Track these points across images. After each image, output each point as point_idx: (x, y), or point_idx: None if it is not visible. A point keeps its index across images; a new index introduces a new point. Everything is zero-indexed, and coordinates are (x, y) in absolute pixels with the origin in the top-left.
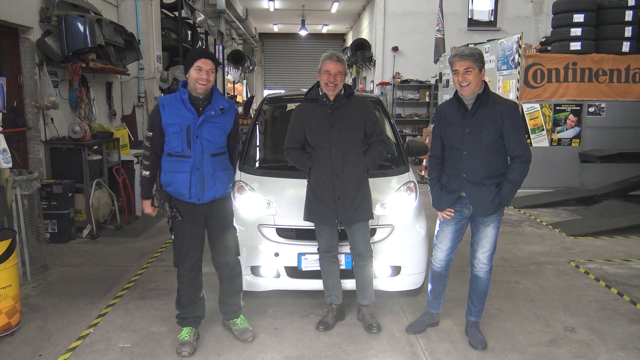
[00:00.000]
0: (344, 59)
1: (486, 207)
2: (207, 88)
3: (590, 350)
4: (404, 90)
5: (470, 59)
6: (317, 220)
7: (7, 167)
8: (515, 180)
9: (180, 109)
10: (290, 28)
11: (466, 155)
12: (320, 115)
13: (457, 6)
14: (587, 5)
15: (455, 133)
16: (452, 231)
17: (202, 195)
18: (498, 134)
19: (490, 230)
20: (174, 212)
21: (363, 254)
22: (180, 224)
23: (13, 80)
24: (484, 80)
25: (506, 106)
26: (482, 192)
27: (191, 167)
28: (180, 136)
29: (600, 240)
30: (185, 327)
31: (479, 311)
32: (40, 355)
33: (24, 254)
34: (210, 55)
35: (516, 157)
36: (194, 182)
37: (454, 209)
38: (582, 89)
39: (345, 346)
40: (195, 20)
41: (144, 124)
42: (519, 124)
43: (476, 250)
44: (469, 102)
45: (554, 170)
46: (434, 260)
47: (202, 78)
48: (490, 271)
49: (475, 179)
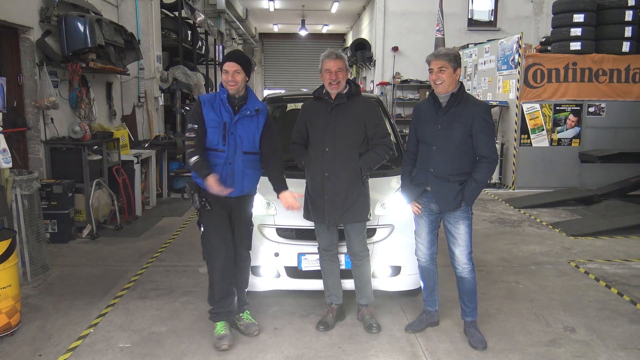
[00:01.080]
0: (342, 55)
1: (448, 203)
2: (237, 89)
3: (590, 350)
4: (404, 90)
5: (444, 58)
6: (309, 218)
7: (7, 167)
8: (480, 179)
9: (219, 107)
10: (290, 28)
11: (435, 151)
12: (321, 113)
13: (457, 6)
14: (587, 5)
15: (428, 129)
16: (427, 224)
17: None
18: (467, 133)
19: (462, 228)
20: (203, 201)
21: (357, 253)
22: (209, 215)
23: (13, 80)
24: (460, 81)
25: (477, 107)
26: (446, 188)
27: (224, 161)
28: (217, 131)
29: (600, 240)
30: (219, 322)
31: (472, 310)
32: (40, 355)
33: (24, 254)
34: (235, 57)
35: (483, 158)
36: (225, 176)
37: (421, 203)
38: (582, 89)
39: (345, 346)
40: (195, 20)
41: (144, 124)
42: (488, 125)
43: (453, 251)
44: (443, 100)
45: (554, 170)
46: (418, 255)
47: (229, 80)
48: (473, 270)
49: (442, 174)
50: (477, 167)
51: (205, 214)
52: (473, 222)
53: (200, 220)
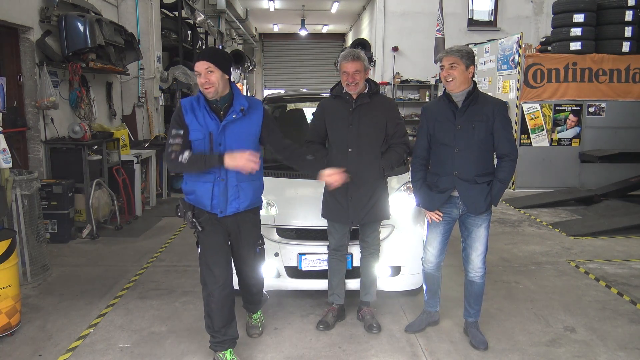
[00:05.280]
0: (361, 56)
1: (479, 205)
2: (214, 90)
3: (590, 350)
4: (404, 90)
5: (456, 54)
6: (330, 217)
7: (7, 167)
8: (504, 179)
9: (202, 114)
10: (290, 28)
11: (458, 152)
12: (342, 112)
13: (457, 6)
14: (587, 5)
15: (446, 130)
16: (441, 233)
17: (225, 208)
18: (488, 131)
19: (483, 231)
20: (194, 222)
21: (370, 243)
22: (204, 235)
23: (13, 80)
24: (474, 80)
25: (496, 104)
26: (475, 190)
27: (214, 177)
28: (204, 143)
29: (600, 240)
30: (225, 351)
31: (476, 312)
32: (40, 355)
33: (24, 254)
34: (205, 55)
35: (505, 156)
36: (217, 193)
37: (442, 210)
38: (582, 89)
39: (345, 346)
40: (195, 20)
41: (144, 124)
42: (508, 122)
43: (470, 254)
44: (458, 99)
45: (554, 170)
46: (425, 263)
47: (202, 82)
48: (484, 274)
49: (468, 176)
50: (500, 165)
51: (201, 234)
52: None
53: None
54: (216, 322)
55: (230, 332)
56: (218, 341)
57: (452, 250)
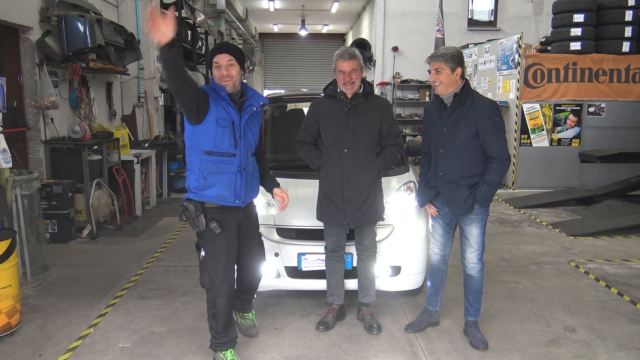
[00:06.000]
0: (356, 54)
1: (458, 207)
2: (233, 83)
3: (590, 350)
4: (404, 90)
5: (440, 59)
6: (326, 220)
7: (7, 167)
8: (491, 180)
9: (225, 104)
10: (290, 28)
11: (443, 154)
12: (336, 112)
13: (457, 6)
14: (587, 5)
15: (436, 132)
16: (442, 226)
17: (246, 197)
18: (472, 133)
19: (474, 230)
20: (214, 223)
21: (368, 246)
22: (216, 238)
23: (13, 80)
24: (465, 79)
25: (481, 106)
26: (455, 192)
27: (237, 167)
28: (228, 131)
29: (600, 240)
30: (226, 351)
31: (476, 310)
32: (40, 355)
33: (24, 254)
34: (226, 48)
35: (492, 158)
36: (239, 183)
37: (435, 205)
38: (582, 89)
39: (345, 346)
40: (195, 20)
41: (144, 124)
42: (494, 124)
43: (465, 250)
44: (447, 101)
45: (554, 170)
46: (431, 253)
47: (223, 75)
48: (482, 269)
49: (451, 177)
50: (487, 167)
51: (212, 237)
52: None
53: (202, 243)
54: (221, 323)
55: (232, 333)
56: (220, 342)
57: (452, 250)
